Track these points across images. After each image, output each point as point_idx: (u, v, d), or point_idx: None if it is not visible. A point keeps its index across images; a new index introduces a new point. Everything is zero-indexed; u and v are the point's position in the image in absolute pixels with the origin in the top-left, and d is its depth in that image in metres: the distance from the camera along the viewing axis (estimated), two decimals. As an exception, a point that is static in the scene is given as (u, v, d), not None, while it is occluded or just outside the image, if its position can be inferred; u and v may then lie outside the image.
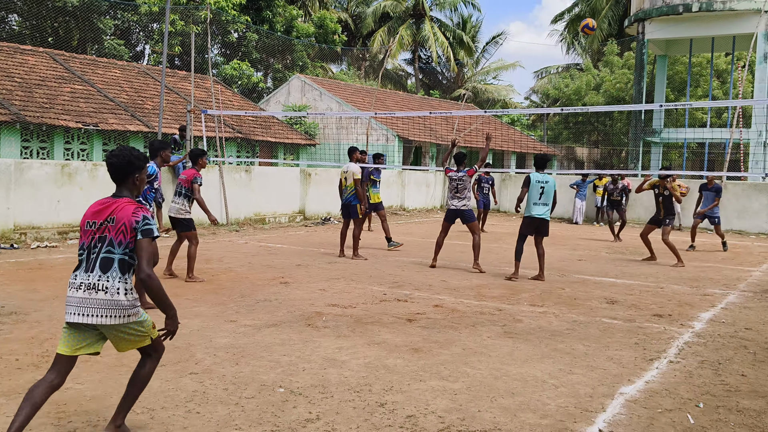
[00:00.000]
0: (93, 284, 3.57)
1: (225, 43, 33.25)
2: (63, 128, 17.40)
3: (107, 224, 3.65)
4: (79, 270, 3.63)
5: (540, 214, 9.59)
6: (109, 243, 3.62)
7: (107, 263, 3.59)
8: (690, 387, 5.06)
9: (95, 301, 3.55)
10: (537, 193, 9.61)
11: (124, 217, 3.63)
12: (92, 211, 3.71)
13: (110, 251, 3.61)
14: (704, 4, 23.40)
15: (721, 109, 33.07)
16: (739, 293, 9.16)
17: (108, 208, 3.70)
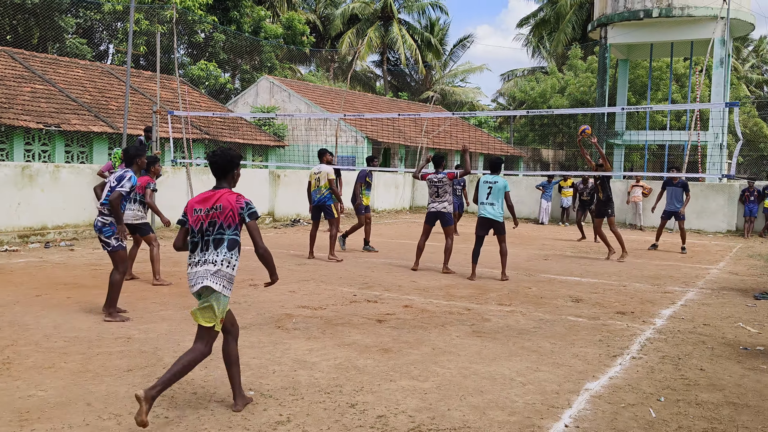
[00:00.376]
0: (206, 260, 4.31)
1: (191, 43, 32.95)
2: (23, 129, 17.06)
3: (214, 211, 4.33)
4: (196, 251, 4.36)
5: (487, 213, 9.74)
6: (219, 227, 4.33)
7: (218, 242, 4.32)
8: (652, 382, 5.19)
9: (205, 271, 4.28)
10: (485, 192, 9.78)
11: (230, 204, 4.33)
12: (197, 200, 4.42)
13: (221, 233, 4.33)
14: (664, 10, 23.92)
15: (680, 112, 33.76)
16: (697, 290, 9.40)
17: (212, 197, 4.38)
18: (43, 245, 12.12)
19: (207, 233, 4.34)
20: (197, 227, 4.36)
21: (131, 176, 6.96)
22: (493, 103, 54.70)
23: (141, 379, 4.89)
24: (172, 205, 15.06)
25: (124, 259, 6.90)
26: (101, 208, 6.91)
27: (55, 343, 5.77)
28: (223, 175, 4.48)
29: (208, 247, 4.33)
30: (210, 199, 4.37)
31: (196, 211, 4.38)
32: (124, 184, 6.85)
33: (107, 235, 6.82)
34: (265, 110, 28.49)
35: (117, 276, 6.79)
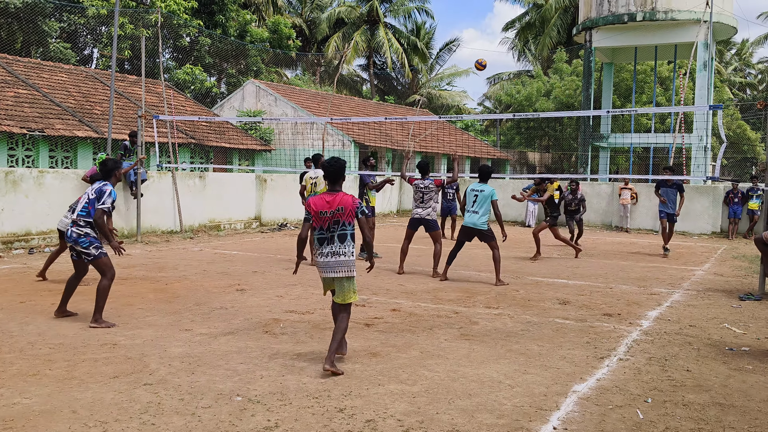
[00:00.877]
0: (336, 252, 5.38)
1: (177, 47, 32.80)
2: (6, 134, 16.90)
3: (338, 212, 5.36)
4: (325, 245, 5.40)
5: (471, 222, 9.72)
6: (342, 224, 5.38)
7: (343, 237, 5.40)
8: (639, 383, 5.21)
9: (336, 262, 5.40)
10: (470, 200, 9.79)
11: (349, 205, 5.39)
12: (322, 203, 5.39)
13: (344, 229, 5.39)
14: (648, 13, 24.11)
15: (664, 114, 34.04)
16: (683, 292, 9.46)
17: (334, 200, 5.39)
18: (27, 251, 12.00)
19: (332, 230, 5.39)
20: (325, 226, 5.40)
21: (111, 191, 6.80)
22: (480, 106, 54.90)
23: (127, 386, 4.85)
24: (157, 209, 15.03)
25: (108, 265, 6.82)
26: (76, 219, 6.73)
27: (39, 350, 5.71)
28: (337, 180, 5.48)
29: (334, 241, 5.40)
30: (333, 202, 5.38)
31: (323, 214, 5.38)
32: (105, 201, 6.71)
33: (85, 246, 6.70)
34: (251, 114, 28.40)
35: (105, 282, 6.72)
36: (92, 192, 6.80)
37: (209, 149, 22.96)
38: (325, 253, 5.43)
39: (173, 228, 15.37)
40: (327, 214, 5.36)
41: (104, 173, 7.03)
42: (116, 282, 9.03)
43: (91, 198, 6.77)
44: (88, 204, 6.76)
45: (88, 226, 6.74)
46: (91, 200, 6.76)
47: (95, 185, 6.88)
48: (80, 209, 6.78)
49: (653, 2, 24.01)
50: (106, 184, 6.86)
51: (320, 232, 5.42)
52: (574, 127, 37.05)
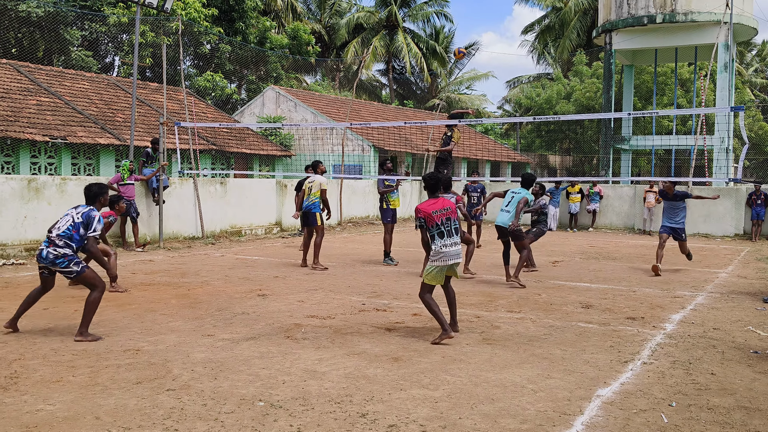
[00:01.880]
0: (455, 242, 6.66)
1: (197, 54, 33.10)
2: (29, 142, 17.14)
3: (446, 211, 6.70)
4: (445, 237, 6.61)
5: (501, 221, 10.09)
6: (453, 221, 6.70)
7: (456, 230, 6.73)
8: (663, 387, 5.15)
9: (457, 250, 6.67)
10: (506, 200, 10.18)
11: (452, 205, 6.81)
12: (431, 206, 6.68)
13: (455, 224, 6.73)
14: (667, 15, 23.91)
15: (685, 116, 33.70)
16: (707, 294, 9.34)
17: (439, 202, 6.75)
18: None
19: (446, 225, 6.63)
20: (439, 222, 6.61)
21: (99, 217, 6.61)
22: (499, 110, 54.77)
23: (150, 391, 4.88)
24: (179, 215, 15.15)
25: (95, 278, 6.57)
26: (55, 239, 6.45)
27: (63, 357, 5.76)
28: (437, 189, 6.95)
29: (452, 234, 6.65)
30: (439, 204, 6.71)
31: (435, 212, 6.64)
32: (96, 227, 6.54)
33: (64, 266, 6.43)
34: (271, 120, 28.56)
35: (95, 295, 6.48)
36: (78, 216, 6.55)
37: (230, 155, 23.12)
38: (448, 243, 6.62)
39: (195, 234, 15.48)
40: (438, 212, 6.65)
41: (89, 198, 6.76)
42: (140, 288, 9.14)
43: (77, 222, 6.51)
44: (73, 227, 6.48)
45: (66, 246, 6.44)
46: (77, 224, 6.50)
47: (81, 209, 6.62)
48: (63, 230, 6.48)
49: (673, 4, 23.81)
50: (92, 209, 6.62)
51: (438, 229, 6.63)
52: (595, 130, 36.81)
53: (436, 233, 6.59)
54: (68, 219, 6.57)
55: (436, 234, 6.58)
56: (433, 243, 6.60)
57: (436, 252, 6.56)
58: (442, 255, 6.55)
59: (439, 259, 6.56)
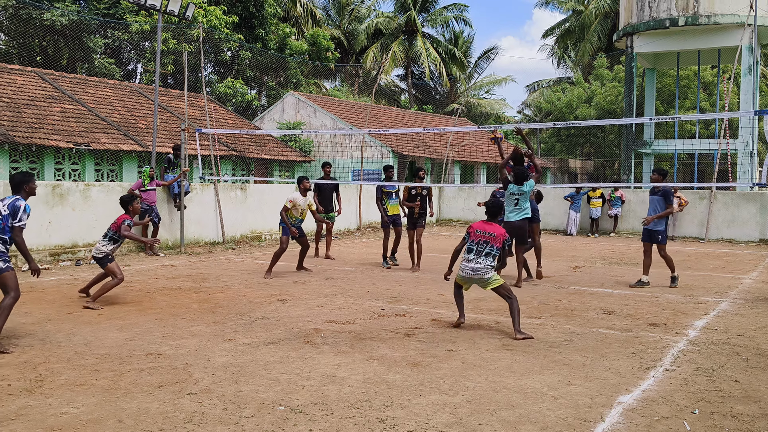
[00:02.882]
0: (477, 260, 7.19)
1: (218, 61, 33.39)
2: (53, 148, 17.39)
3: (489, 236, 7.20)
4: (471, 254, 7.22)
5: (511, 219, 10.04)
6: (490, 246, 7.18)
7: (488, 255, 7.17)
8: (685, 394, 5.09)
9: (474, 267, 7.18)
10: (512, 202, 10.08)
11: (500, 235, 7.23)
12: (481, 227, 7.32)
13: (489, 250, 7.18)
14: (690, 18, 23.68)
15: (709, 120, 33.33)
16: (730, 301, 9.22)
17: (489, 227, 7.29)
18: (74, 263, 12.30)
19: (480, 247, 7.20)
20: (476, 241, 7.23)
21: (26, 206, 6.38)
22: (519, 114, 54.53)
23: (171, 395, 4.92)
24: (200, 220, 15.27)
25: (13, 282, 6.28)
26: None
27: (86, 360, 5.84)
28: (496, 215, 7.47)
29: (480, 255, 7.18)
30: (487, 228, 7.28)
31: (478, 232, 7.26)
32: (21, 217, 6.30)
33: None
34: (291, 126, 28.71)
35: (8, 301, 6.21)
36: (5, 208, 6.31)
37: (250, 161, 23.27)
38: (469, 259, 7.24)
39: (216, 239, 15.59)
40: (481, 233, 7.25)
41: (14, 187, 6.49)
42: (161, 292, 9.22)
43: (4, 214, 6.28)
44: (2, 220, 6.27)
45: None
46: (5, 216, 6.27)
47: (7, 200, 6.37)
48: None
49: (695, 6, 23.59)
50: (18, 199, 6.38)
51: (470, 244, 7.29)
52: (617, 134, 36.53)
53: (467, 247, 7.33)
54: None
55: (467, 248, 7.34)
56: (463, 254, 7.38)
57: (462, 263, 7.37)
58: (461, 266, 7.33)
59: (461, 270, 7.34)
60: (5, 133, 16.47)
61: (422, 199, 12.21)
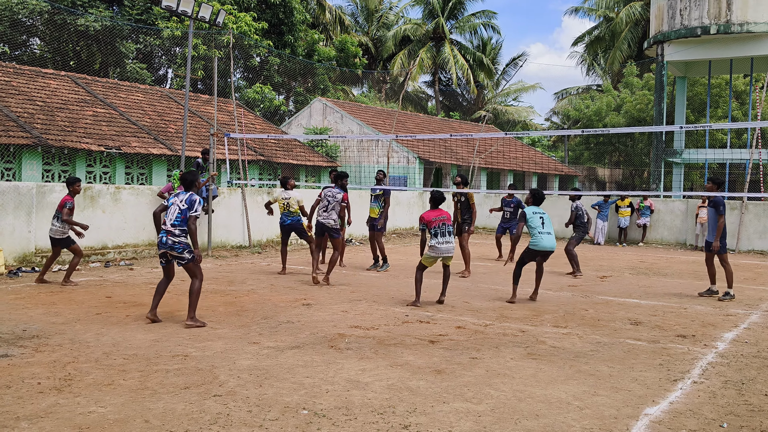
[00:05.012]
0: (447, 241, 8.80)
1: (247, 67, 33.72)
2: (85, 151, 17.67)
3: (443, 218, 8.78)
4: (440, 236, 8.75)
5: (551, 245, 9.36)
6: (447, 226, 8.78)
7: (449, 233, 8.79)
8: (714, 407, 5.01)
9: (449, 247, 8.80)
10: (538, 223, 9.38)
11: (447, 215, 8.89)
12: (434, 215, 8.86)
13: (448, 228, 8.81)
14: (722, 26, 23.37)
15: (740, 130, 32.83)
16: (761, 313, 9.05)
17: (438, 212, 8.91)
18: (103, 264, 12.47)
19: (440, 228, 8.79)
20: (437, 225, 8.81)
21: (199, 199, 7.58)
22: (547, 122, 54.23)
23: (197, 396, 4.97)
24: (227, 224, 15.41)
25: (198, 269, 7.58)
26: (171, 228, 7.43)
27: (114, 361, 5.91)
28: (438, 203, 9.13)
29: (444, 235, 8.78)
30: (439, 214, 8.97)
31: (435, 219, 8.85)
32: (197, 209, 7.49)
33: (179, 251, 7.54)
34: (318, 132, 28.86)
35: (197, 284, 7.49)
36: (182, 202, 7.48)
37: (277, 166, 23.43)
38: (442, 241, 8.74)
39: (242, 243, 15.71)
40: (436, 219, 8.78)
41: (187, 185, 7.69)
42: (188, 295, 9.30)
43: (183, 208, 7.44)
44: (181, 213, 7.43)
45: (183, 234, 7.44)
46: (183, 210, 7.43)
47: (182, 195, 7.56)
48: (174, 219, 7.44)
49: (728, 15, 23.28)
50: (192, 195, 7.55)
51: (435, 230, 8.76)
52: (646, 143, 36.14)
53: (433, 234, 8.73)
54: (175, 208, 7.49)
55: (433, 234, 8.73)
56: (430, 240, 8.71)
57: (432, 246, 8.75)
58: (436, 249, 8.74)
59: (434, 251, 8.75)
60: (39, 135, 16.79)
61: (462, 204, 12.42)
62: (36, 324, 7.32)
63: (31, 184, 11.98)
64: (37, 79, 20.69)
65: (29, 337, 6.69)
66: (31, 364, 5.77)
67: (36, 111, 18.34)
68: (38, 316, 7.73)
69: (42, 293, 9.33)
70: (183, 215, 7.42)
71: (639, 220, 20.24)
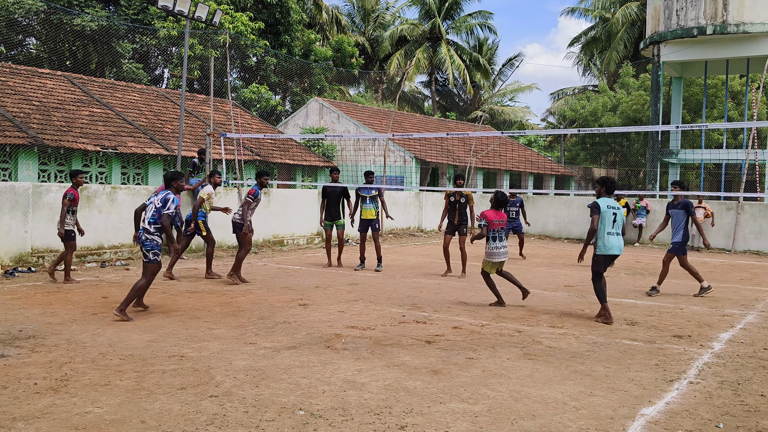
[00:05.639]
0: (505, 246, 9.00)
1: (244, 66, 33.69)
2: (81, 151, 17.63)
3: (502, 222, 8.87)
4: (498, 241, 8.86)
5: (619, 247, 8.26)
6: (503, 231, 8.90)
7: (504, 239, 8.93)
8: (710, 407, 5.02)
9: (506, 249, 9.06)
10: (609, 221, 8.22)
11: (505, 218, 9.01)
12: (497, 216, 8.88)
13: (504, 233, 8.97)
14: (718, 27, 23.43)
15: (736, 130, 32.92)
16: (757, 313, 9.08)
17: (499, 215, 8.86)
18: (99, 265, 12.45)
19: (501, 233, 8.90)
20: (497, 229, 8.85)
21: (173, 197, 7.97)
22: (543, 122, 54.29)
23: (193, 397, 4.96)
24: (223, 224, 15.37)
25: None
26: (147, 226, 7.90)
27: (110, 361, 5.90)
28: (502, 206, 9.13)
29: (503, 240, 8.89)
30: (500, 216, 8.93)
31: (496, 222, 8.84)
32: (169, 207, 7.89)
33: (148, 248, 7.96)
34: (314, 131, 28.85)
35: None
36: (159, 201, 7.92)
37: (274, 166, 23.41)
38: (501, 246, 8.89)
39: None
40: (497, 222, 8.83)
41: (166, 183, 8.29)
42: (185, 295, 9.32)
43: (158, 206, 7.88)
44: (156, 212, 7.87)
45: (157, 233, 7.90)
46: (158, 208, 7.86)
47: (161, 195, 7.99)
48: (150, 217, 7.88)
49: (724, 15, 23.35)
50: (168, 193, 7.96)
51: (493, 233, 8.82)
52: (642, 143, 36.21)
53: (491, 236, 8.72)
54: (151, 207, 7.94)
55: (491, 237, 8.73)
56: (489, 244, 8.78)
57: (491, 253, 8.86)
58: (495, 254, 8.84)
59: (493, 257, 8.83)
60: (35, 135, 16.76)
61: (461, 206, 12.25)
62: (32, 324, 7.31)
63: (27, 184, 11.96)
64: (33, 78, 20.65)
65: (25, 338, 6.68)
66: (27, 364, 5.76)
67: (32, 111, 18.30)
68: (34, 317, 7.71)
69: (38, 293, 9.31)
70: (158, 213, 7.83)
71: (635, 221, 20.28)
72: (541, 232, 22.18)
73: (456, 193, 12.31)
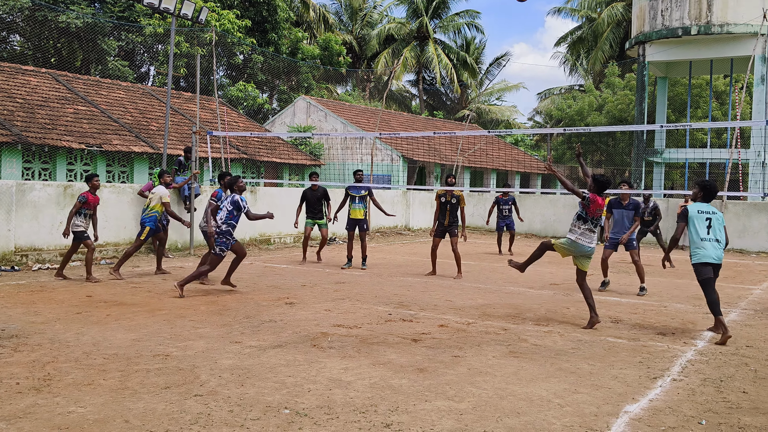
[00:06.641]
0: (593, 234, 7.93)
1: (230, 64, 33.55)
2: (65, 149, 17.50)
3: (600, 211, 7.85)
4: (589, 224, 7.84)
5: (717, 257, 7.57)
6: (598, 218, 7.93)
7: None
8: (693, 404, 5.07)
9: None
10: (703, 227, 7.52)
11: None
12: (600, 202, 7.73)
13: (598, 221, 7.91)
14: (703, 27, 23.60)
15: (720, 129, 33.19)
16: (740, 311, 9.17)
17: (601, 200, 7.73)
18: (83, 263, 12.35)
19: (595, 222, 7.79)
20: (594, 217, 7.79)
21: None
22: (530, 121, 54.49)
23: (178, 396, 4.94)
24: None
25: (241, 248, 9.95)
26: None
27: (94, 360, 5.87)
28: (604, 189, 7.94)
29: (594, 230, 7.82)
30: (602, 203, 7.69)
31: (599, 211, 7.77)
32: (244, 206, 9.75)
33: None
34: (301, 130, 28.79)
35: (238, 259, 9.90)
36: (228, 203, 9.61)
37: (260, 164, 23.35)
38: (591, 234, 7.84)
39: (224, 242, 15.60)
40: (600, 210, 7.70)
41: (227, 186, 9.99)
42: (169, 294, 9.28)
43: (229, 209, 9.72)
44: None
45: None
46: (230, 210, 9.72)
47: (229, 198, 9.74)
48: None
49: (708, 16, 23.52)
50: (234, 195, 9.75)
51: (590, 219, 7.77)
52: (627, 142, 36.41)
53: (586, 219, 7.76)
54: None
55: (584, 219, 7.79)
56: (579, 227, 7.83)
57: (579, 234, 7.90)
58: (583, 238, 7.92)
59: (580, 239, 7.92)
60: (19, 133, 16.61)
61: (452, 207, 11.92)
62: (15, 323, 7.24)
63: (10, 182, 11.85)
64: (17, 76, 20.46)
65: (8, 337, 6.62)
66: (9, 363, 5.71)
67: (16, 108, 18.14)
68: (18, 316, 7.65)
69: (22, 292, 9.23)
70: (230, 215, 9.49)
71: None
72: (527, 230, 22.24)
73: (447, 193, 11.95)
